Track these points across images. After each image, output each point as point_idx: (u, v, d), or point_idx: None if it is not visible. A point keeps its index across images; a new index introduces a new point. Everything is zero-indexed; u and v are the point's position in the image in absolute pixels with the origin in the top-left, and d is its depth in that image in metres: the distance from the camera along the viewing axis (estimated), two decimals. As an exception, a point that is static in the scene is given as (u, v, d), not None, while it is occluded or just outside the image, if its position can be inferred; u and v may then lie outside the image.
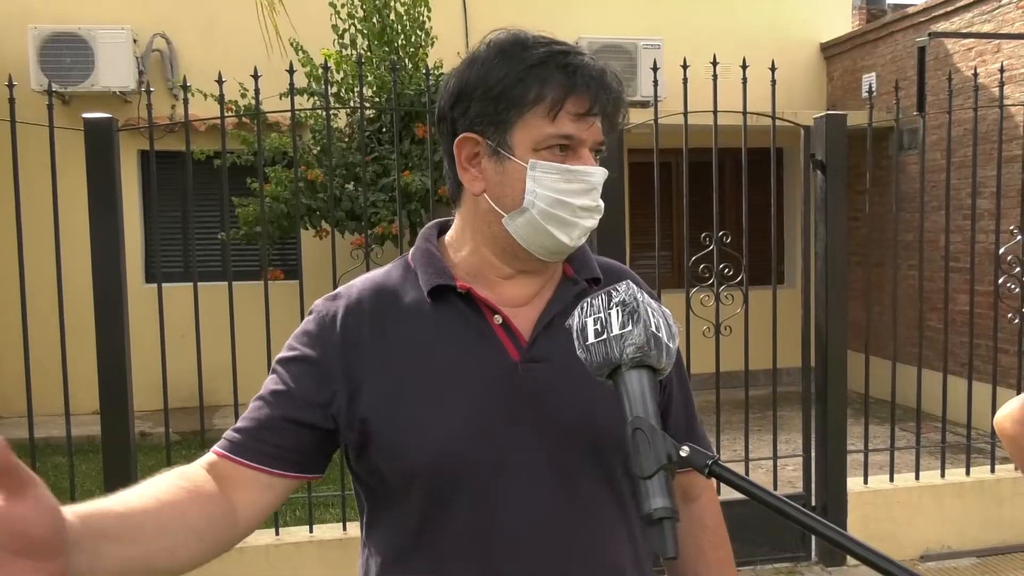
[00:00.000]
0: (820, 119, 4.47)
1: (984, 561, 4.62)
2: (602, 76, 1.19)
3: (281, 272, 7.01)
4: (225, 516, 1.13)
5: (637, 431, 0.98)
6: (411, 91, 6.73)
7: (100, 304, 3.76)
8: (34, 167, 4.25)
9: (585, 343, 1.04)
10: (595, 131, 1.19)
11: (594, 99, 1.17)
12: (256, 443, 1.18)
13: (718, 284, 4.34)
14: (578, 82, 1.16)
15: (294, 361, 1.22)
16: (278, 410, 1.19)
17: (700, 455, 0.97)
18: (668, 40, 8.26)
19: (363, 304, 1.24)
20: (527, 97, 1.16)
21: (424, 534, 1.19)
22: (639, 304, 1.03)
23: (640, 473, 0.96)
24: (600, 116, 1.19)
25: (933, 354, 6.70)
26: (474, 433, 1.17)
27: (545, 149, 1.18)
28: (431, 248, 1.28)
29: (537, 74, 1.16)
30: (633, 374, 1.01)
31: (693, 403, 1.41)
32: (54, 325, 3.77)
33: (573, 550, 1.19)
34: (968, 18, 7.73)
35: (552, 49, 1.18)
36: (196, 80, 4.54)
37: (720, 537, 1.42)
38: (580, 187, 1.19)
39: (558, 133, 1.17)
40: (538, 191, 1.18)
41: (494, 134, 1.19)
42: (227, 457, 1.18)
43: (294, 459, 1.19)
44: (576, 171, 1.18)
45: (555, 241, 1.20)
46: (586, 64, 1.18)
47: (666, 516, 0.94)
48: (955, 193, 6.45)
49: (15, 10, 7.89)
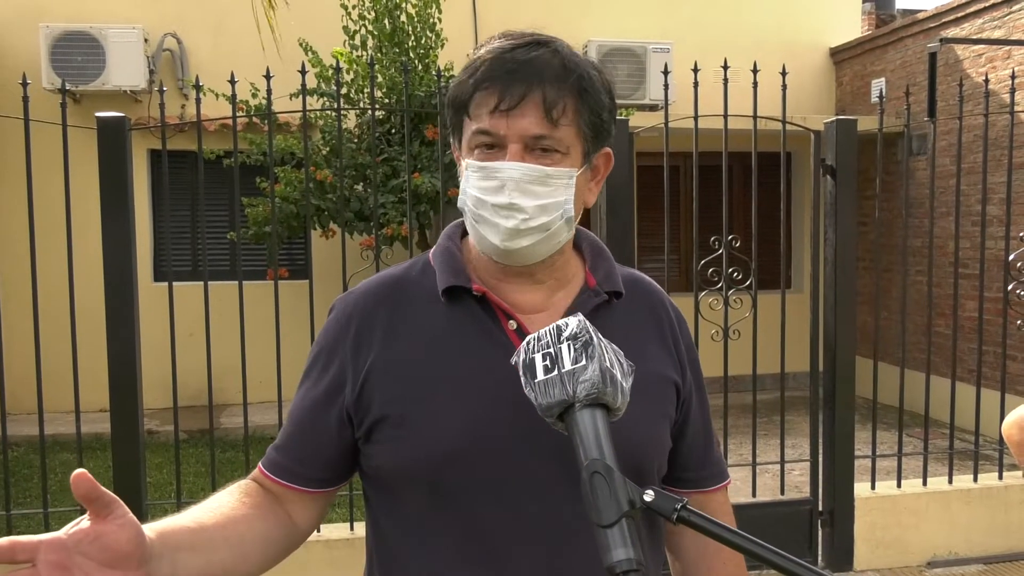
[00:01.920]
0: (831, 124, 4.46)
1: (991, 568, 4.60)
2: (524, 66, 1.12)
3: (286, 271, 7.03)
4: (285, 524, 1.23)
5: (595, 475, 0.92)
6: (421, 92, 6.74)
7: (110, 302, 3.78)
8: (45, 165, 4.27)
9: (533, 381, 0.98)
10: (524, 125, 1.12)
11: (503, 92, 1.12)
12: (292, 463, 1.24)
13: (727, 288, 4.34)
14: (484, 75, 1.13)
15: (315, 364, 1.25)
16: (307, 425, 1.24)
17: (667, 500, 0.91)
18: (678, 44, 8.26)
19: (378, 302, 1.24)
20: (459, 98, 1.17)
21: (426, 536, 1.18)
22: (592, 338, 0.98)
23: (599, 521, 0.90)
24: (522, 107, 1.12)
25: (941, 360, 6.69)
26: (480, 436, 1.15)
27: (475, 148, 1.16)
28: (452, 247, 1.26)
29: (468, 75, 1.16)
30: (586, 413, 0.95)
31: (711, 425, 1.38)
32: (64, 323, 3.79)
33: (577, 560, 1.17)
34: (978, 24, 7.72)
35: (490, 47, 1.16)
36: (206, 80, 4.56)
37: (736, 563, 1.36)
38: (493, 184, 1.14)
39: (476, 129, 1.15)
40: (467, 190, 1.17)
41: (455, 138, 1.22)
42: (268, 476, 1.25)
43: (325, 477, 1.25)
44: (486, 167, 1.14)
45: (489, 243, 1.17)
46: (502, 56, 1.14)
47: (630, 569, 0.87)
48: (964, 199, 6.43)
49: (27, 9, 7.93)
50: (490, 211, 1.15)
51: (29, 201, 3.79)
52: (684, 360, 1.31)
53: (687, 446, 1.32)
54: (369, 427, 1.18)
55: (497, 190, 1.14)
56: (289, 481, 1.24)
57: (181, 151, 6.80)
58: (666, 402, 1.27)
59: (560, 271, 1.25)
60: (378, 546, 1.26)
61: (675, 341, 1.31)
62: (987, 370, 5.91)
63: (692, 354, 1.34)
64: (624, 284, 1.29)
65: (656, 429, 1.25)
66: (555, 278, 1.25)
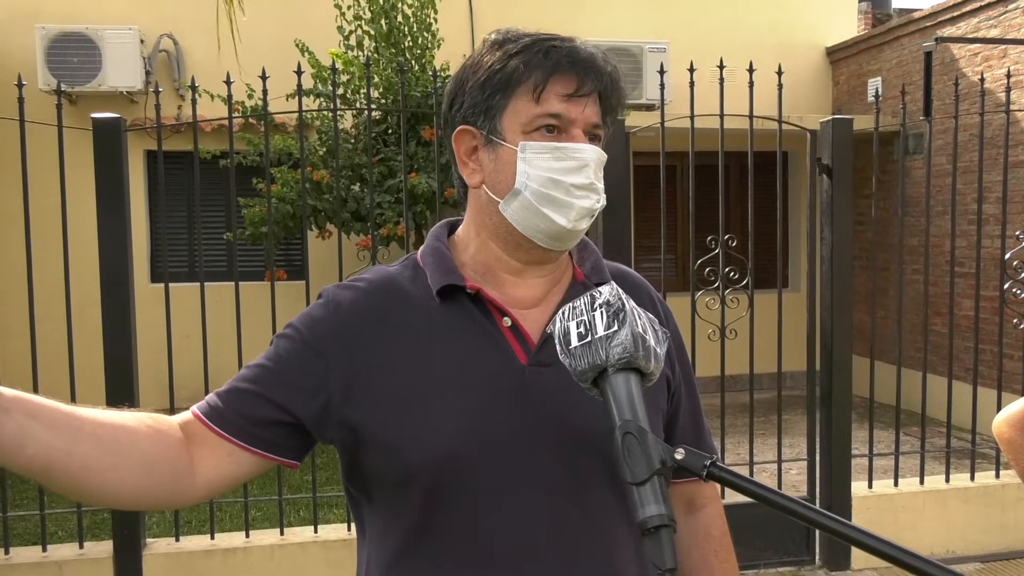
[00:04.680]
0: (827, 123, 4.47)
1: (988, 566, 4.61)
2: (592, 58, 1.18)
3: (283, 272, 7.02)
4: (181, 465, 1.12)
5: (627, 435, 0.94)
6: (418, 93, 6.74)
7: (107, 303, 3.78)
8: (41, 167, 4.27)
9: (568, 348, 1.00)
10: (588, 112, 1.18)
11: (582, 78, 1.16)
12: (232, 414, 1.16)
13: (723, 287, 4.34)
14: (562, 61, 1.16)
15: (292, 341, 1.20)
16: (262, 387, 1.17)
17: (697, 457, 0.94)
18: (673, 44, 8.26)
19: (371, 297, 1.22)
20: (512, 80, 1.16)
21: (424, 537, 1.17)
22: (624, 305, 1.00)
23: (632, 479, 0.92)
24: (591, 96, 1.18)
25: (938, 359, 6.70)
26: (479, 435, 1.14)
27: (535, 131, 1.17)
28: (441, 247, 1.26)
29: (521, 58, 1.16)
30: (620, 377, 0.98)
31: (702, 413, 1.39)
32: (60, 324, 3.78)
33: (577, 559, 1.16)
34: (974, 23, 7.73)
35: (537, 37, 1.19)
36: (202, 81, 4.56)
37: (726, 549, 1.40)
38: (572, 164, 1.17)
39: (545, 112, 1.16)
40: (530, 172, 1.17)
41: (485, 122, 1.19)
42: (201, 420, 1.17)
43: (265, 438, 1.17)
44: (566, 148, 1.16)
45: (551, 224, 1.18)
46: (572, 47, 1.18)
47: (662, 524, 0.89)
48: (960, 198, 6.45)
49: (23, 10, 7.92)
50: (565, 191, 1.17)
51: (25, 202, 3.79)
52: (673, 353, 1.33)
53: (677, 438, 1.33)
54: (359, 425, 1.16)
55: (576, 170, 1.17)
56: (222, 428, 1.16)
57: (177, 152, 6.79)
58: (658, 395, 1.27)
59: (561, 263, 1.27)
60: (375, 551, 1.24)
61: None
62: (983, 369, 5.91)
63: (681, 346, 1.36)
64: (612, 277, 1.30)
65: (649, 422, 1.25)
66: (555, 272, 1.26)
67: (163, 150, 4.03)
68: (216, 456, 1.15)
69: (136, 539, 3.88)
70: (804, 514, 0.91)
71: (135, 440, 1.08)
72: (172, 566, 3.94)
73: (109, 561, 3.85)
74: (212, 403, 1.19)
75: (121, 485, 1.07)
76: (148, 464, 1.09)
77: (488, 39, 1.23)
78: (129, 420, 1.09)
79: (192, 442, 1.15)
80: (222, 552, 3.99)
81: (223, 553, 3.98)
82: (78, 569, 3.85)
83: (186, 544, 4.04)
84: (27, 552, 3.96)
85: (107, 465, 1.04)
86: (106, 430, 1.05)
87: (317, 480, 4.13)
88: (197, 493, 1.15)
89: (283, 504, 4.13)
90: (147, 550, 3.94)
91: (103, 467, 1.04)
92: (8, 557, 3.86)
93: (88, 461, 1.03)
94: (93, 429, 1.04)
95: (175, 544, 4.02)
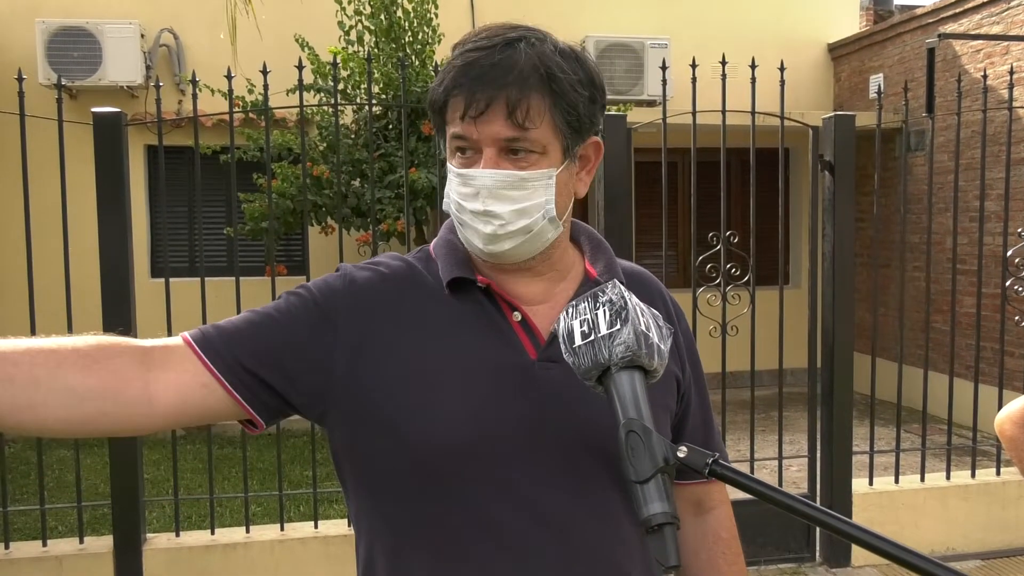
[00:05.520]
0: (829, 120, 4.46)
1: (989, 564, 4.61)
2: (489, 70, 1.11)
3: (283, 267, 7.02)
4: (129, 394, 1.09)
5: (631, 433, 0.94)
6: (418, 88, 6.73)
7: (107, 298, 3.77)
8: (41, 161, 4.26)
9: (572, 346, 1.01)
10: (496, 129, 1.12)
11: (469, 98, 1.11)
12: (225, 350, 1.14)
13: (725, 284, 4.34)
14: (458, 80, 1.13)
15: (303, 300, 1.19)
16: (261, 334, 1.16)
17: (699, 455, 0.94)
18: (675, 40, 8.25)
19: (387, 281, 1.22)
20: (435, 102, 1.17)
21: (427, 526, 1.16)
22: (627, 304, 1.01)
23: (635, 477, 0.92)
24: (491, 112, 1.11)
25: (939, 356, 6.70)
26: (485, 425, 1.14)
27: (455, 152, 1.17)
28: (454, 239, 1.26)
29: (442, 76, 1.16)
30: (624, 375, 0.98)
31: (711, 413, 1.39)
32: (60, 319, 3.77)
33: (581, 553, 1.16)
34: (977, 20, 7.71)
35: (462, 49, 1.15)
36: (203, 75, 4.55)
37: (735, 552, 1.39)
38: (469, 191, 1.15)
39: (452, 134, 1.16)
40: (450, 196, 1.19)
41: (443, 142, 1.21)
42: (190, 344, 1.14)
43: (248, 385, 1.14)
44: (462, 174, 1.15)
45: (474, 245, 1.19)
46: (470, 61, 1.13)
47: (666, 522, 0.89)
48: (962, 195, 6.44)
49: (23, 3, 7.90)
50: (469, 216, 1.16)
51: (25, 197, 3.78)
52: (683, 352, 1.32)
53: (687, 439, 1.31)
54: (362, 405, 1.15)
55: (473, 196, 1.15)
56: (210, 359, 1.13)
57: (178, 147, 6.79)
58: (667, 394, 1.27)
59: (559, 263, 1.25)
60: (377, 545, 1.22)
61: (675, 334, 1.31)
62: (985, 366, 5.90)
63: (691, 346, 1.36)
64: (624, 276, 1.29)
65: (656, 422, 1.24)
66: (555, 270, 1.25)
67: (164, 145, 4.02)
68: (189, 384, 1.12)
69: (136, 534, 3.88)
70: (805, 511, 0.91)
71: (56, 375, 1.05)
72: (172, 561, 3.94)
73: (109, 556, 3.85)
74: (207, 332, 1.16)
75: (46, 420, 1.06)
76: (75, 397, 1.06)
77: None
78: (60, 351, 1.07)
79: (165, 366, 1.12)
80: (222, 547, 3.98)
81: (223, 548, 3.98)
82: (78, 564, 3.85)
83: (186, 539, 4.04)
84: (27, 547, 3.96)
85: (22, 404, 1.03)
86: (20, 369, 1.04)
87: (318, 476, 4.13)
88: (153, 420, 1.12)
89: (283, 499, 4.13)
90: (147, 545, 3.94)
91: (18, 406, 1.03)
92: (8, 552, 3.86)
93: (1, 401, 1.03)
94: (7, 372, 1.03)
95: (175, 539, 4.02)
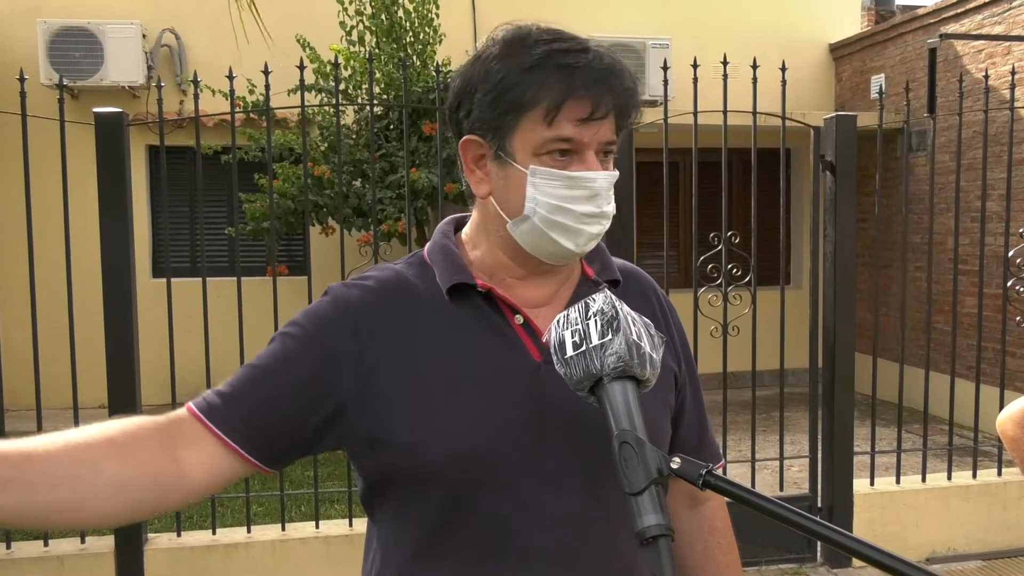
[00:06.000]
0: (830, 120, 4.45)
1: (990, 564, 4.61)
2: (607, 75, 1.12)
3: (284, 267, 7.01)
4: (164, 477, 1.08)
5: (624, 445, 0.94)
6: (419, 88, 6.73)
7: (109, 298, 3.77)
8: (42, 161, 4.26)
9: (564, 357, 1.00)
10: (602, 132, 1.14)
11: (596, 102, 1.11)
12: (234, 415, 1.13)
13: (726, 284, 4.34)
14: (576, 84, 1.10)
15: (298, 341, 1.17)
16: (265, 388, 1.14)
17: (693, 466, 0.94)
18: (676, 40, 8.25)
19: (380, 295, 1.20)
20: (523, 101, 1.11)
21: (442, 532, 1.16)
22: (618, 313, 1.00)
23: (629, 489, 0.92)
24: (605, 117, 1.13)
25: (940, 356, 6.69)
26: (497, 432, 1.14)
27: (545, 154, 1.13)
28: (449, 244, 1.25)
29: (533, 77, 1.11)
30: (616, 386, 0.98)
31: (706, 413, 1.40)
32: (63, 319, 3.78)
33: (591, 555, 1.16)
34: (978, 20, 7.70)
35: (551, 48, 1.12)
36: (205, 76, 4.55)
37: (729, 542, 1.40)
38: (582, 193, 1.14)
39: (556, 136, 1.12)
40: (539, 198, 1.14)
41: (494, 138, 1.15)
42: (199, 419, 1.13)
43: (261, 445, 1.14)
44: (577, 177, 1.13)
45: (560, 248, 1.17)
46: (587, 64, 1.11)
47: (660, 534, 0.89)
48: (964, 195, 6.43)
49: (24, 4, 7.91)
50: (574, 219, 1.15)
51: (27, 197, 3.78)
52: (679, 348, 1.33)
53: (683, 434, 1.33)
54: (375, 423, 1.14)
55: (587, 199, 1.15)
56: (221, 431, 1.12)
57: (179, 147, 6.78)
58: (666, 390, 1.27)
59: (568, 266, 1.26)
60: (389, 551, 1.22)
61: (669, 330, 1.32)
62: (986, 366, 5.90)
63: (685, 342, 1.37)
64: (620, 274, 1.30)
65: (657, 418, 1.25)
66: (560, 273, 1.25)
67: (165, 145, 4.02)
68: (212, 456, 1.12)
69: (138, 534, 3.88)
70: (800, 523, 0.90)
71: (98, 470, 1.03)
72: (173, 561, 3.94)
73: (111, 556, 3.85)
74: (212, 402, 1.14)
75: (93, 516, 1.05)
76: (119, 489, 1.05)
77: (496, 37, 1.17)
78: (95, 444, 1.05)
79: (183, 441, 1.11)
80: (224, 547, 3.99)
81: (224, 548, 3.99)
82: (79, 564, 3.85)
83: (187, 539, 4.04)
84: (29, 547, 3.96)
85: (72, 505, 1.02)
86: (65, 468, 1.01)
87: (319, 476, 4.13)
88: (189, 496, 1.12)
89: (285, 500, 4.13)
90: (148, 545, 3.94)
91: (67, 508, 1.02)
92: (10, 552, 3.86)
93: (50, 507, 1.01)
94: (49, 472, 1.00)
95: (177, 539, 4.02)
